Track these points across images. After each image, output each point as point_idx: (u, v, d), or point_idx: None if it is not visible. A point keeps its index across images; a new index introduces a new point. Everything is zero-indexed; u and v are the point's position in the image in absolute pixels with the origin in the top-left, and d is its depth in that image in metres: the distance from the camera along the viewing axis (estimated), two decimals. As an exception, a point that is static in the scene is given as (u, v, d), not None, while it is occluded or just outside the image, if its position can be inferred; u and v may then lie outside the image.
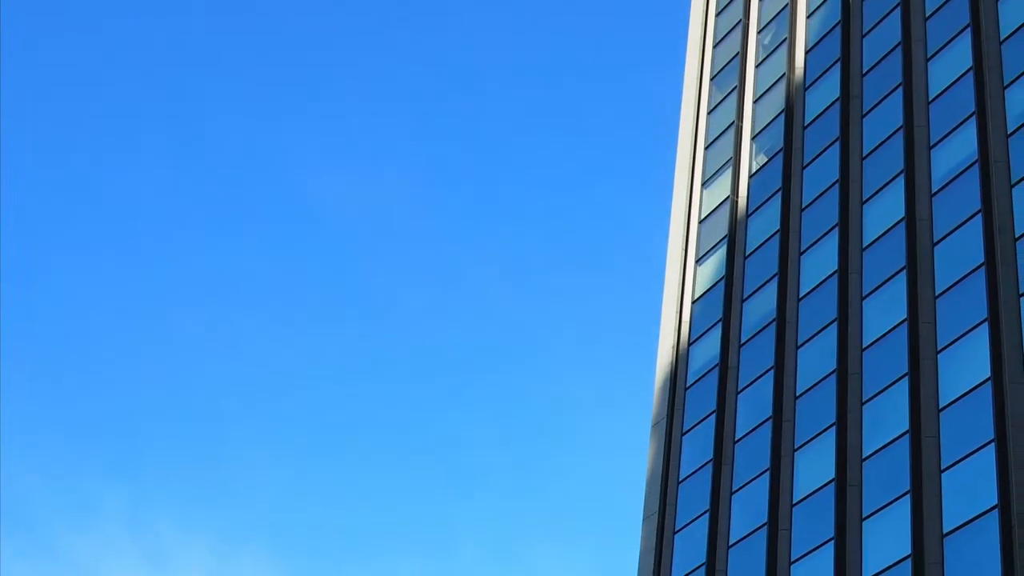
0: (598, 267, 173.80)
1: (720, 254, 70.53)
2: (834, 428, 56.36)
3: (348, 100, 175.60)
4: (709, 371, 66.35)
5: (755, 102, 74.83)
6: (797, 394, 59.71)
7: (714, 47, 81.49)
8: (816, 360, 59.77)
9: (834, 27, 71.30)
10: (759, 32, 77.87)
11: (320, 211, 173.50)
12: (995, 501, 47.62)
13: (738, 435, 61.96)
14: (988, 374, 50.81)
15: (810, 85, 71.08)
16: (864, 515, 52.87)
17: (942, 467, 50.72)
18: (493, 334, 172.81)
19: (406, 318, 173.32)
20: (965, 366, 52.13)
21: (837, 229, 62.74)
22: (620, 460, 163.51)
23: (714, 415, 64.01)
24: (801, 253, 64.52)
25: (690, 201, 75.75)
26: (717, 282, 69.47)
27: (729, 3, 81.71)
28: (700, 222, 73.76)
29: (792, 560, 54.95)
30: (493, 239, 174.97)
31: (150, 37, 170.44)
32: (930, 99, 62.11)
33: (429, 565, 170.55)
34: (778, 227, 66.91)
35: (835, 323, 59.67)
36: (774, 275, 65.40)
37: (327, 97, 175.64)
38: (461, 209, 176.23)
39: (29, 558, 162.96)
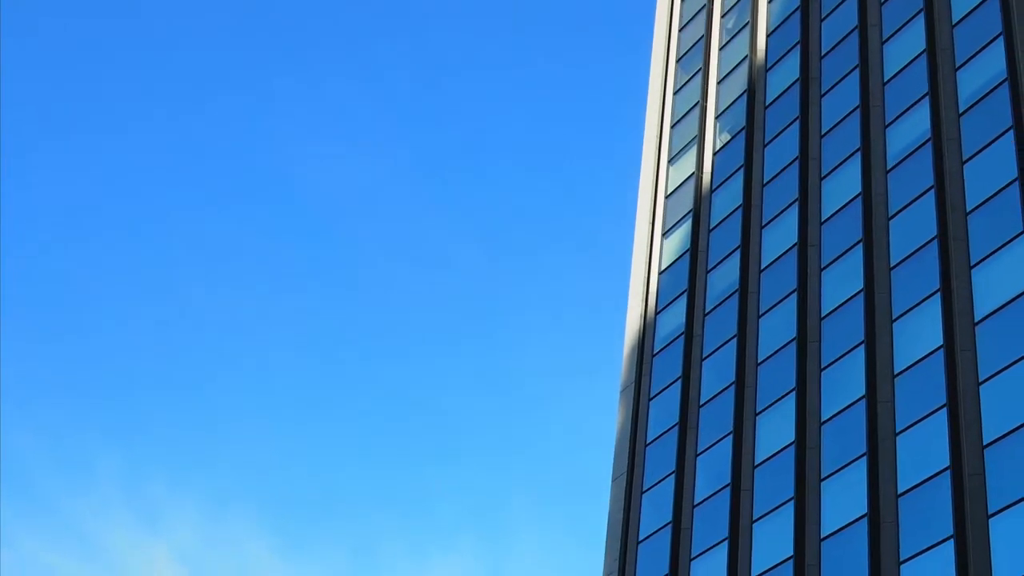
0: (570, 240, 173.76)
1: (686, 227, 70.47)
2: (794, 393, 56.35)
3: (333, 83, 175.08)
4: (675, 339, 66.30)
5: (719, 83, 74.70)
6: (759, 361, 59.69)
7: (680, 31, 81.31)
8: (777, 328, 59.74)
9: (794, 11, 71.13)
10: (722, 16, 77.68)
11: (306, 189, 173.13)
12: (947, 463, 47.62)
13: (703, 400, 61.96)
14: (940, 342, 50.79)
15: (771, 67, 70.93)
16: (822, 476, 52.87)
17: (897, 430, 50.73)
18: (470, 305, 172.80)
19: (387, 291, 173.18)
20: (918, 334, 52.11)
21: (797, 204, 62.68)
22: (590, 424, 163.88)
23: (680, 381, 63.97)
24: (763, 227, 64.46)
25: (657, 177, 75.68)
26: (683, 254, 69.39)
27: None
28: (667, 197, 73.66)
29: (755, 519, 54.96)
30: (470, 215, 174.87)
31: (137, 14, 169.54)
32: (885, 80, 62.00)
33: (408, 524, 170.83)
34: (741, 202, 66.86)
35: (795, 293, 59.63)
36: (737, 247, 65.36)
37: (313, 80, 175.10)
38: (439, 186, 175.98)
39: (27, 517, 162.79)
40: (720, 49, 76.37)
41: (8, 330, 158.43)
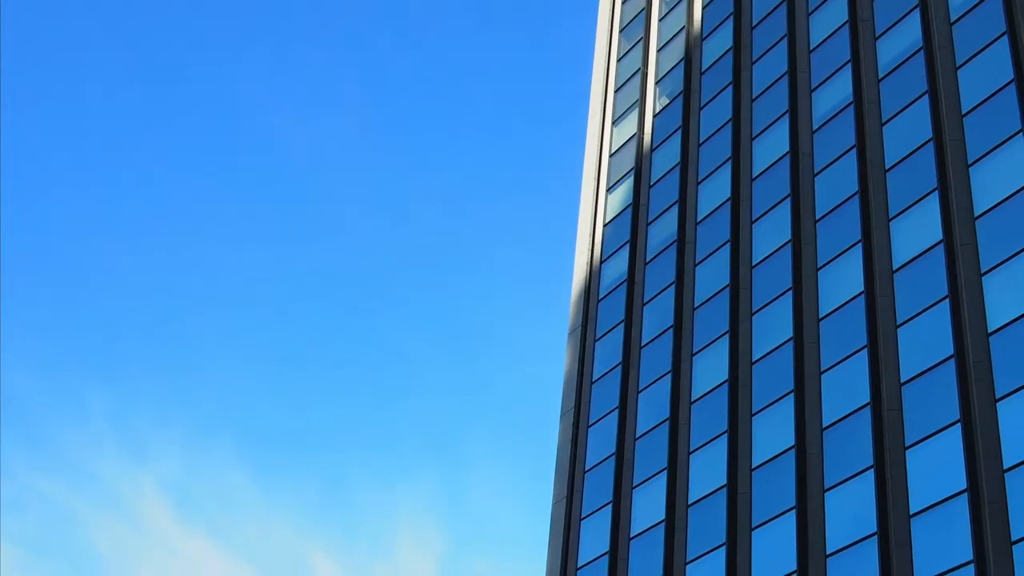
0: (522, 196, 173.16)
1: (628, 183, 70.00)
2: (727, 335, 55.95)
3: (304, 51, 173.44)
4: (618, 286, 65.88)
5: (659, 51, 74.04)
6: (695, 305, 59.24)
7: (623, 3, 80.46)
8: (712, 276, 59.31)
9: (728, -15, 70.42)
10: (662, -11, 76.89)
11: (281, 146, 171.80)
12: (867, 399, 47.30)
13: (644, 341, 61.52)
14: (861, 288, 50.41)
15: (706, 36, 70.28)
16: (754, 411, 52.48)
17: (822, 369, 50.37)
18: (430, 255, 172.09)
19: (355, 241, 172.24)
20: (841, 282, 51.71)
21: (730, 162, 62.20)
22: (540, 364, 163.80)
23: (623, 324, 63.58)
24: (699, 183, 64.00)
25: (602, 138, 75.13)
26: (625, 208, 68.91)
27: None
28: (611, 156, 73.14)
29: (691, 450, 54.57)
30: (430, 173, 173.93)
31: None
32: (811, 48, 61.40)
33: (374, 456, 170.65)
34: (679, 160, 66.37)
35: (728, 244, 59.14)
36: (675, 202, 64.92)
37: (285, 49, 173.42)
38: (401, 147, 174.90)
39: (24, 450, 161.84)
40: (660, 20, 75.65)
41: (8, 277, 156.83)
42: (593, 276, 68.85)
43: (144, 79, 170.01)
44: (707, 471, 53.12)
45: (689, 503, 53.22)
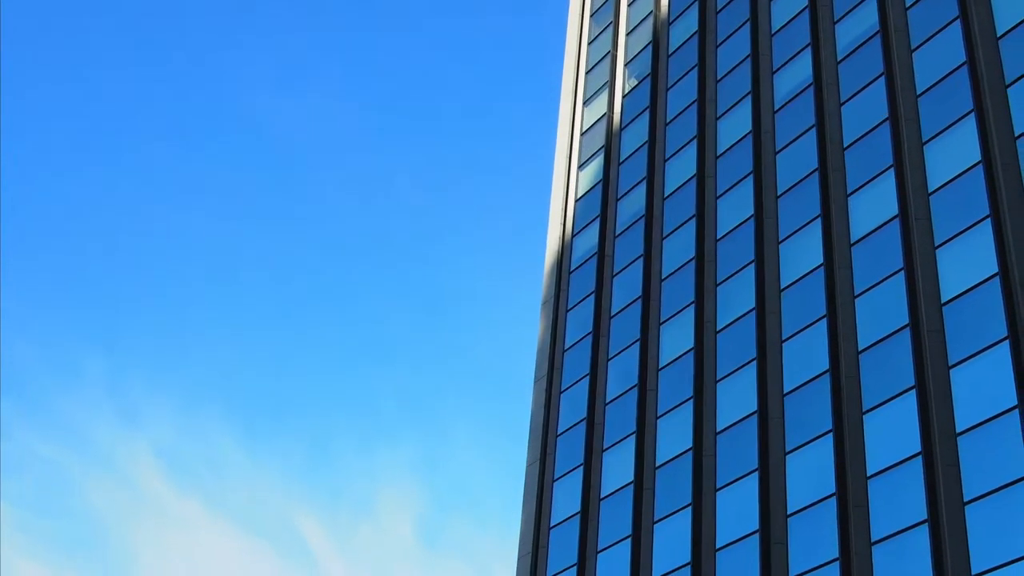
0: (497, 173, 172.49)
1: (598, 161, 69.54)
2: (693, 305, 55.56)
3: (289, 26, 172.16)
4: (589, 258, 65.45)
5: (627, 35, 73.48)
6: (663, 277, 58.83)
7: (593, -11, 79.86)
8: (678, 249, 58.90)
9: (693, -28, 69.81)
10: (631, -24, 76.26)
11: (266, 124, 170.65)
12: (826, 366, 46.97)
13: (613, 311, 61.13)
14: (820, 261, 50.04)
15: (673, 20, 69.71)
16: (718, 377, 52.12)
17: (783, 338, 50.01)
18: (411, 229, 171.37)
19: (337, 216, 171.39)
20: (802, 253, 51.33)
21: (696, 141, 61.73)
22: (515, 333, 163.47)
23: (593, 295, 63.18)
24: (666, 160, 63.52)
25: (573, 117, 74.62)
26: (596, 184, 68.46)
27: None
28: (582, 134, 72.63)
29: (659, 415, 54.22)
30: (409, 151, 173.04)
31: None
32: (773, 32, 60.87)
33: (356, 421, 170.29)
34: (646, 139, 65.88)
35: (694, 218, 58.70)
36: (643, 179, 64.50)
37: (271, 23, 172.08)
38: (382, 126, 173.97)
39: (24, 415, 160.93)
40: (628, 5, 75.05)
41: (8, 250, 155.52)
42: (565, 249, 68.41)
43: (128, 60, 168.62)
44: (674, 435, 52.78)
45: (657, 465, 52.88)
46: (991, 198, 43.99)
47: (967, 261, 43.80)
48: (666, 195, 61.92)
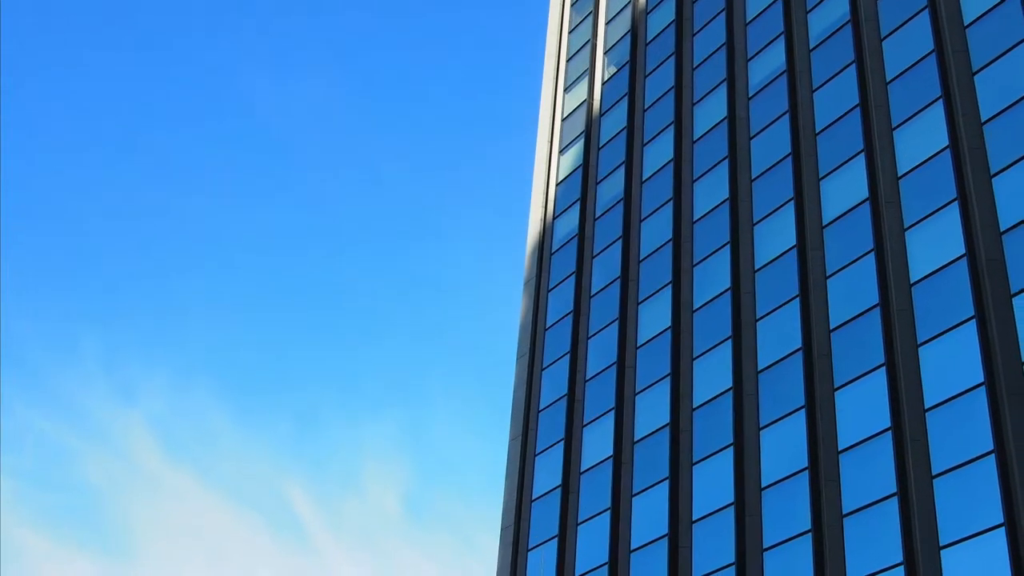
0: (482, 157, 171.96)
1: (579, 146, 69.17)
2: (670, 286, 55.28)
3: (278, 10, 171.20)
4: (570, 240, 65.13)
5: (607, 24, 73.04)
6: (640, 258, 58.54)
7: (573, -21, 79.37)
8: (656, 231, 58.59)
9: (670, -37, 69.38)
10: (610, -33, 75.81)
11: (259, 107, 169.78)
12: (799, 344, 46.75)
13: (593, 291, 60.84)
14: (793, 242, 49.80)
15: (651, 10, 69.29)
16: (695, 355, 51.87)
17: (757, 317, 49.77)
18: (397, 210, 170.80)
19: (325, 197, 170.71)
20: (776, 235, 51.07)
21: (673, 126, 61.39)
22: (498, 312, 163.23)
23: (573, 275, 62.89)
24: (644, 145, 63.19)
25: (555, 103, 74.24)
26: (576, 168, 68.13)
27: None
28: (563, 120, 72.26)
29: (637, 391, 53.98)
30: (396, 132, 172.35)
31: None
32: (748, 21, 60.51)
33: (343, 396, 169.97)
34: (625, 124, 65.53)
35: (671, 202, 58.40)
36: (622, 163, 64.16)
37: (261, 6, 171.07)
38: (371, 108, 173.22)
39: (22, 391, 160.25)
40: (608, -5, 74.64)
41: (6, 230, 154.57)
42: (546, 231, 68.08)
43: (122, 44, 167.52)
44: (652, 411, 52.56)
45: (635, 440, 52.67)
46: (958, 182, 43.77)
47: (935, 243, 43.58)
48: (644, 179, 61.61)
